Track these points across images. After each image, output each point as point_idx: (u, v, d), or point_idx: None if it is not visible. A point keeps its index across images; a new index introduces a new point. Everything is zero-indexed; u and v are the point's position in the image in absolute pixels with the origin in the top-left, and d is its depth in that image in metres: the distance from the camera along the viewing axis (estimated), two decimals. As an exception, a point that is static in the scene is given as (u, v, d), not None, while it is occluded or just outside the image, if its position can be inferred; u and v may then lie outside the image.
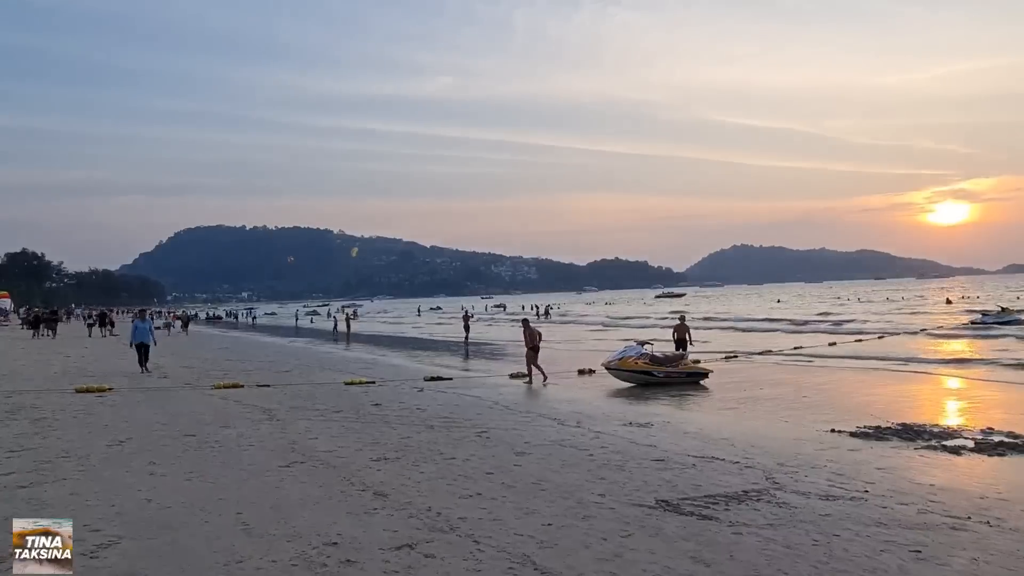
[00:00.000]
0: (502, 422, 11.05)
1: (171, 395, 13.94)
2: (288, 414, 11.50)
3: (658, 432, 10.29)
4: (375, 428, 10.22)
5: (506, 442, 9.27)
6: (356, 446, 8.76)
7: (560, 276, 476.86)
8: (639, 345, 17.75)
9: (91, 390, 13.90)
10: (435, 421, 11.01)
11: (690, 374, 17.43)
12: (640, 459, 8.28)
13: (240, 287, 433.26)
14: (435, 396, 14.41)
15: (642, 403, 14.09)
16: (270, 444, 8.73)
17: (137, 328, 18.43)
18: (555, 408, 12.71)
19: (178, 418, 10.77)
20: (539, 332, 18.09)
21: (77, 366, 20.27)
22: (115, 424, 10.05)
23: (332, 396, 14.23)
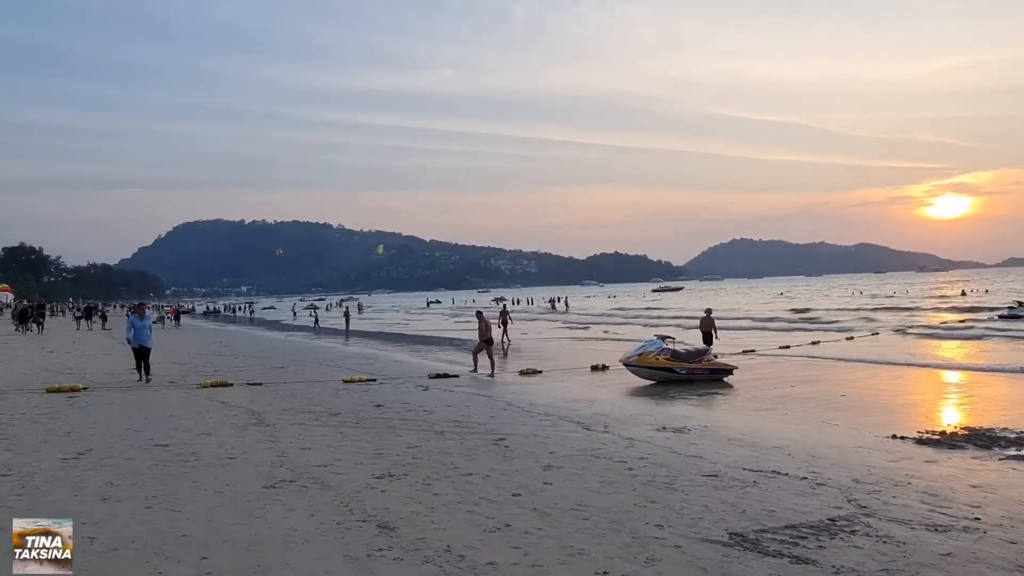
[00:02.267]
0: (520, 426, 9.81)
1: (151, 395, 12.68)
2: (279, 418, 10.24)
3: (698, 439, 9.06)
4: (377, 435, 8.97)
5: (529, 452, 8.03)
6: (356, 458, 7.50)
7: (560, 270, 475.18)
8: (660, 340, 16.51)
9: (62, 390, 12.64)
10: (445, 426, 9.76)
11: (713, 371, 16.24)
12: (689, 474, 7.03)
13: (239, 281, 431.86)
14: (442, 396, 13.17)
15: (669, 403, 12.85)
16: (255, 457, 7.47)
17: (136, 327, 14.52)
18: (575, 410, 11.47)
19: (153, 423, 9.51)
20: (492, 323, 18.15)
21: (58, 363, 19.00)
22: (79, 431, 8.78)
23: (329, 396, 12.98)
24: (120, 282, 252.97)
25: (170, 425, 9.39)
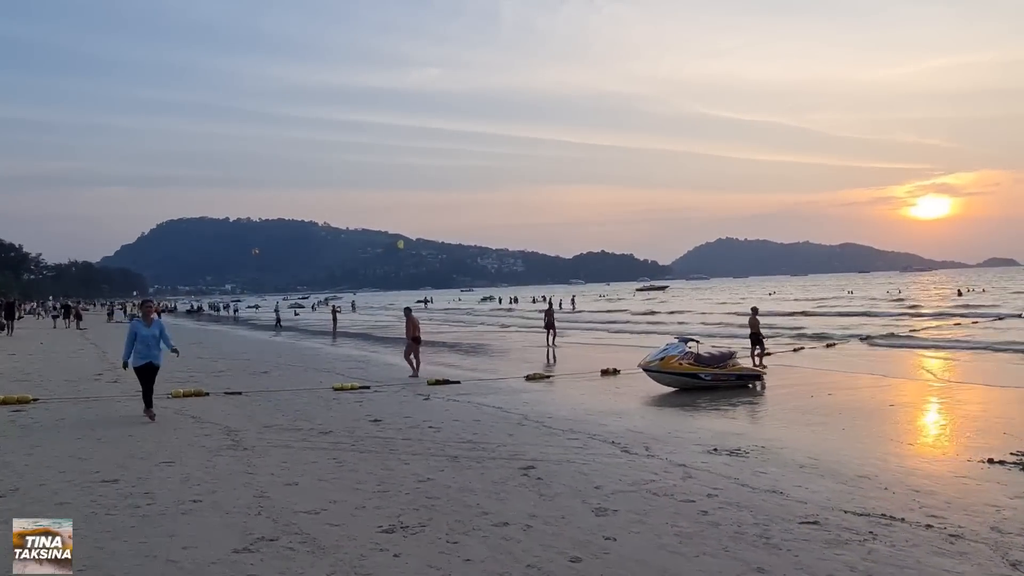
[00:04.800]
0: (546, 448, 8.27)
1: (111, 408, 11.00)
2: (259, 438, 8.63)
3: (763, 464, 7.57)
4: (379, 461, 7.39)
5: (569, 486, 6.49)
6: (355, 498, 5.92)
7: (546, 269, 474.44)
8: (682, 342, 15.01)
9: (8, 401, 10.94)
10: (457, 447, 8.21)
11: (740, 376, 14.79)
12: (782, 520, 5.52)
13: (223, 279, 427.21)
14: (446, 406, 11.61)
15: (704, 416, 11.36)
16: (227, 497, 5.87)
17: (141, 336, 9.84)
18: (603, 425, 9.95)
19: (105, 447, 7.87)
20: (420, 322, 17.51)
21: (17, 367, 17.24)
22: (9, 459, 7.13)
23: (319, 407, 11.38)
24: (102, 280, 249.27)
25: (126, 450, 7.75)
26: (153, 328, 9.98)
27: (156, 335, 9.96)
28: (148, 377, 9.91)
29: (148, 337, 9.86)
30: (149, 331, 9.91)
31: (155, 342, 9.93)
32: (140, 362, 9.81)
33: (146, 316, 10.15)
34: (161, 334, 10.07)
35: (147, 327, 9.92)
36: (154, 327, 10.01)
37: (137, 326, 9.97)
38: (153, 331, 9.95)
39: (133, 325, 10.05)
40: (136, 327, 9.94)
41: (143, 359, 9.82)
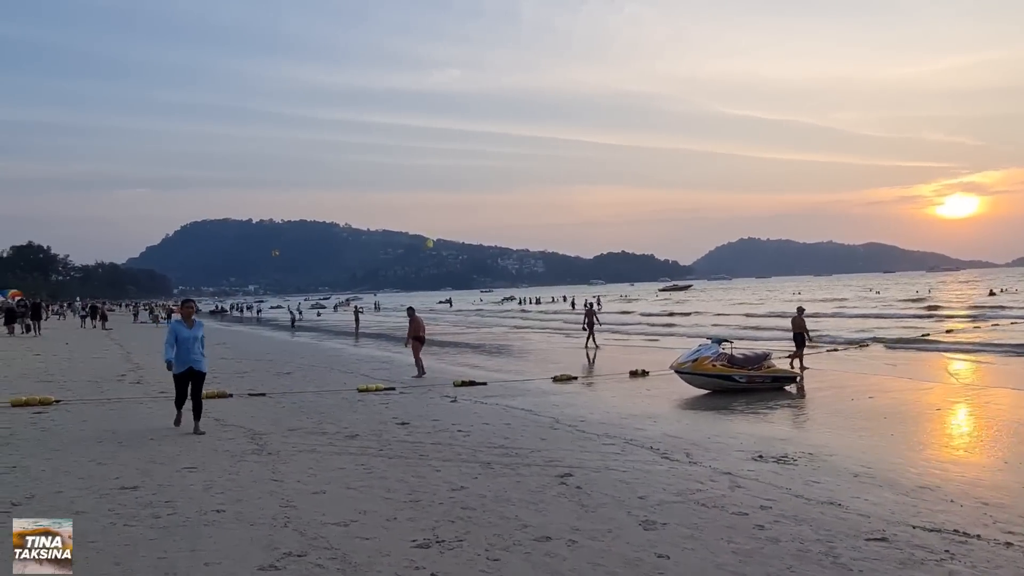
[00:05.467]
0: (583, 454, 7.89)
1: (134, 410, 10.77)
2: (284, 442, 8.34)
3: (814, 473, 7.13)
4: (409, 468, 7.06)
5: (611, 496, 6.11)
6: (386, 509, 5.58)
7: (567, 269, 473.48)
8: (715, 343, 14.55)
9: (30, 403, 10.76)
10: (489, 453, 7.85)
11: (776, 378, 14.31)
12: (846, 536, 5.10)
13: (247, 280, 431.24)
14: (474, 409, 11.27)
15: (743, 420, 10.91)
16: (251, 507, 5.56)
17: (181, 339, 8.94)
18: (639, 429, 9.55)
19: (126, 451, 7.61)
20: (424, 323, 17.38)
21: (41, 367, 17.16)
22: (27, 465, 6.88)
23: (344, 409, 11.10)
24: (128, 281, 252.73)
25: (148, 454, 7.49)
26: (195, 330, 9.02)
27: (199, 337, 9.02)
28: (188, 384, 8.99)
29: (189, 339, 8.90)
30: (190, 333, 8.94)
31: (197, 345, 8.98)
32: (180, 368, 8.87)
33: (186, 317, 9.15)
34: (200, 339, 9.09)
35: (188, 328, 8.97)
36: (195, 328, 9.05)
37: (177, 327, 8.99)
38: (195, 333, 8.99)
39: (173, 326, 9.08)
40: (176, 328, 8.99)
41: (183, 364, 8.89)
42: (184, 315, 9.21)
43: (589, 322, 24.94)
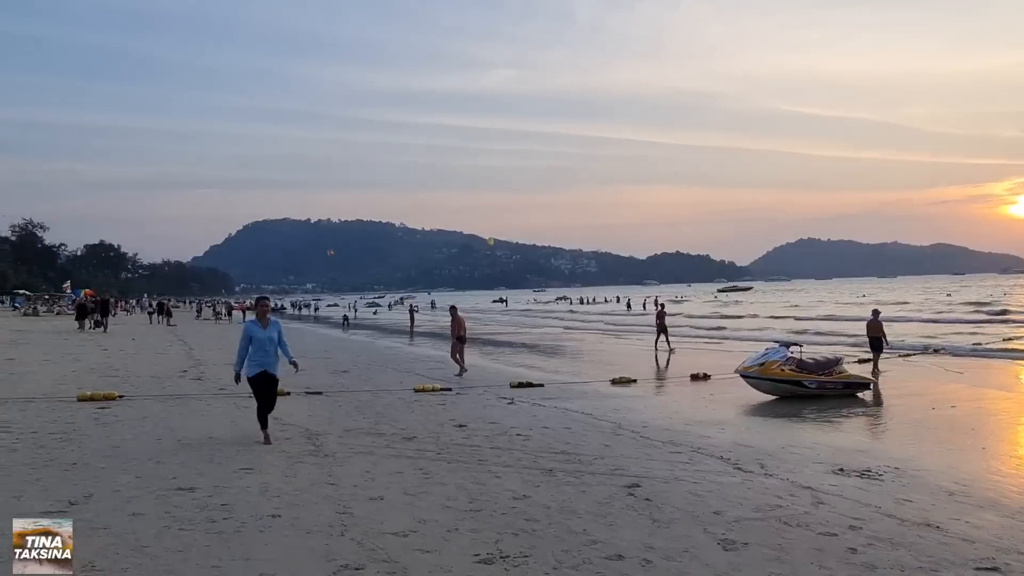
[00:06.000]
0: (649, 462, 7.50)
1: (194, 407, 10.81)
2: (341, 443, 8.18)
3: (902, 489, 6.59)
4: (468, 473, 6.79)
5: (684, 510, 5.71)
6: (446, 519, 5.31)
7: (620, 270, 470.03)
8: (783, 347, 13.91)
9: (95, 398, 10.91)
10: (551, 459, 7.53)
11: (848, 384, 13.57)
12: (953, 564, 4.61)
13: (304, 279, 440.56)
14: (532, 411, 10.96)
15: (817, 428, 10.34)
16: (308, 513, 5.36)
17: (256, 340, 8.09)
18: (706, 437, 9.09)
19: (184, 451, 7.55)
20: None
21: (107, 363, 17.57)
22: (88, 461, 6.86)
23: (400, 410, 10.92)
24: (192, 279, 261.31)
25: (206, 453, 7.41)
26: (270, 330, 8.14)
27: (274, 338, 8.13)
28: (265, 390, 8.13)
29: (264, 341, 8.02)
30: (266, 333, 8.06)
31: (273, 347, 8.11)
32: (254, 371, 8.01)
33: (262, 316, 8.29)
34: (280, 338, 8.23)
35: (263, 329, 8.10)
36: (271, 328, 8.16)
37: (252, 328, 8.13)
38: (270, 333, 8.11)
39: (247, 327, 8.19)
40: (251, 329, 8.11)
41: (258, 367, 7.99)
42: (259, 314, 8.37)
43: (661, 324, 24.03)
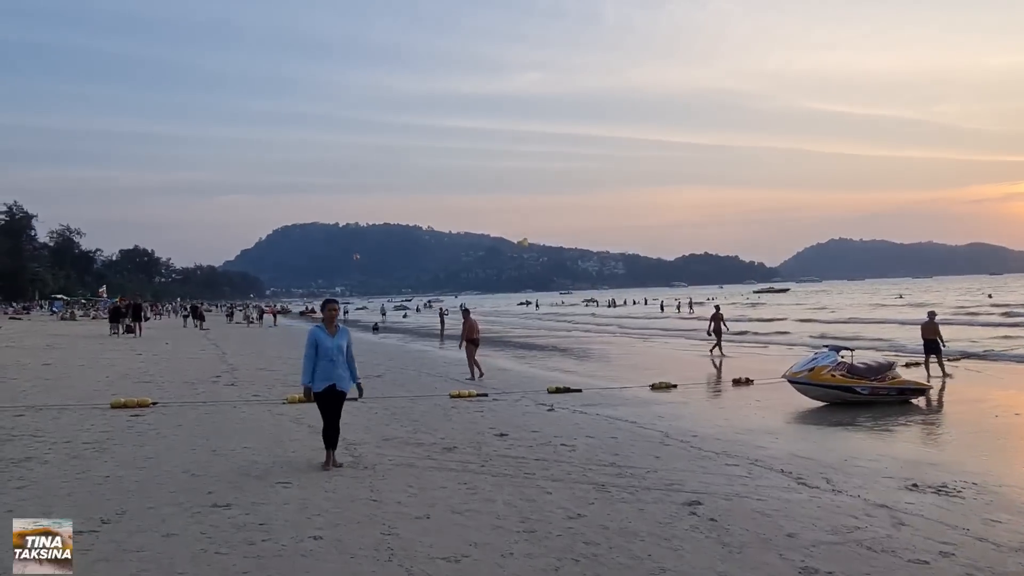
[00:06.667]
0: (705, 476, 7.05)
1: (228, 414, 10.58)
2: (380, 454, 7.85)
3: (988, 509, 6.07)
4: (516, 488, 6.40)
5: (752, 531, 5.27)
6: (498, 541, 4.93)
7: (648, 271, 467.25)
8: (833, 351, 13.33)
9: (129, 405, 10.73)
10: (601, 473, 7.12)
11: (902, 390, 12.93)
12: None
13: (333, 282, 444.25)
14: (574, 419, 10.55)
15: (877, 438, 9.79)
16: (349, 534, 5.02)
17: (323, 348, 7.01)
18: (761, 447, 8.60)
19: (220, 462, 7.27)
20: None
21: (141, 367, 17.51)
22: (121, 475, 6.59)
23: (438, 417, 10.58)
24: (224, 283, 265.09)
25: (241, 464, 7.12)
26: (339, 338, 7.09)
27: (343, 347, 7.10)
28: (331, 407, 7.10)
29: (332, 350, 6.97)
30: (334, 342, 7.01)
31: (341, 357, 7.07)
32: (320, 385, 6.99)
33: (329, 321, 7.17)
34: (348, 349, 7.21)
35: (331, 336, 7.04)
36: (340, 336, 7.13)
37: (318, 334, 7.03)
38: (339, 342, 7.06)
39: (313, 333, 7.07)
40: (317, 336, 7.02)
41: (324, 381, 6.98)
42: (326, 319, 7.25)
43: (716, 328, 22.82)
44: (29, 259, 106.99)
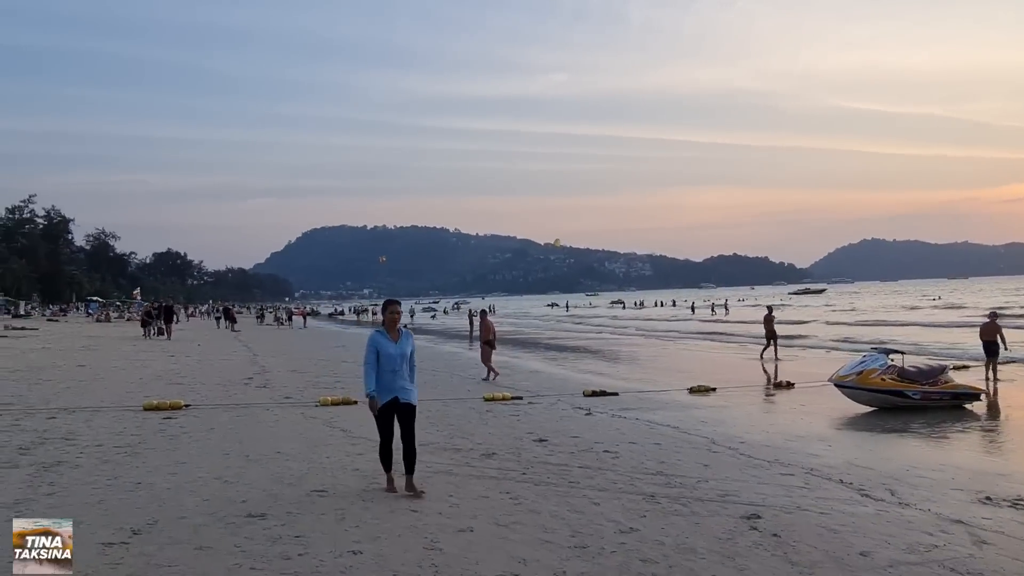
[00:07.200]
0: (760, 486, 6.65)
1: (260, 417, 10.39)
2: (416, 460, 7.56)
3: (1075, 526, 5.59)
4: (561, 499, 6.07)
5: (820, 549, 4.89)
6: (549, 559, 4.60)
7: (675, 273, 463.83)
8: (882, 354, 12.80)
9: (161, 407, 10.59)
10: (648, 482, 6.76)
11: (956, 395, 12.35)
12: None
13: (362, 284, 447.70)
14: (614, 424, 10.19)
15: (936, 446, 9.30)
16: (390, 548, 4.72)
17: (385, 356, 6.10)
18: (814, 455, 8.18)
19: (253, 468, 7.03)
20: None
21: (174, 369, 17.49)
22: (152, 481, 6.36)
23: (473, 421, 10.29)
24: (254, 285, 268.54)
25: (275, 471, 6.88)
26: (402, 344, 6.16)
27: (407, 355, 6.17)
28: (391, 422, 6.27)
29: (395, 358, 6.07)
30: (397, 348, 6.11)
31: (405, 366, 6.16)
32: (382, 399, 6.13)
33: (391, 325, 6.25)
34: (411, 357, 6.26)
35: (394, 342, 6.15)
36: (403, 342, 6.18)
37: (379, 340, 6.12)
38: (403, 348, 6.14)
39: (374, 339, 6.15)
40: (377, 341, 6.11)
41: (386, 392, 6.11)
42: (388, 323, 6.29)
43: (770, 330, 21.88)
44: (66, 262, 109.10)
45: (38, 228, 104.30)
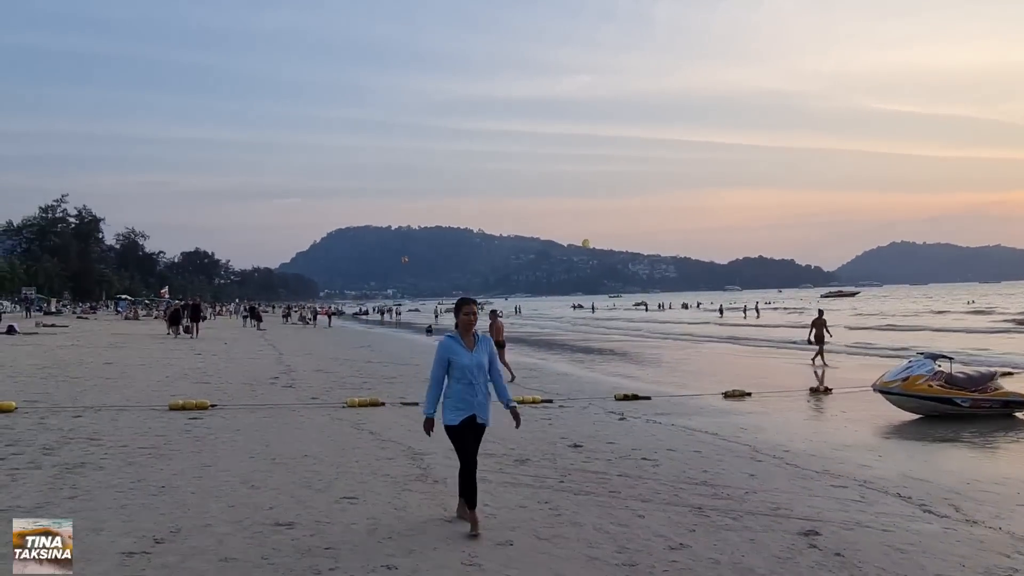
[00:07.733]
0: (813, 499, 6.26)
1: (287, 418, 10.16)
2: (448, 464, 7.22)
3: None
4: (603, 510, 5.74)
5: (891, 572, 4.51)
6: (594, 574, 4.28)
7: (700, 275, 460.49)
8: (929, 359, 12.27)
9: (187, 407, 10.41)
10: (694, 493, 6.40)
11: (1007, 402, 11.79)
12: None
13: (385, 284, 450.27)
14: (649, 430, 9.83)
15: (991, 456, 8.85)
16: (426, 561, 4.42)
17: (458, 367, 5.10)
18: (865, 466, 7.76)
19: (280, 472, 6.77)
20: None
21: (200, 368, 17.39)
22: (177, 485, 6.11)
23: (504, 425, 9.86)
24: (280, 284, 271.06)
25: (303, 476, 6.62)
26: (479, 351, 5.22)
27: (484, 364, 5.21)
28: (469, 442, 5.26)
29: (472, 369, 5.12)
30: (473, 358, 5.16)
31: (483, 378, 5.21)
32: (457, 416, 5.14)
33: (465, 330, 5.24)
34: (491, 365, 5.31)
35: (469, 351, 5.18)
36: (480, 350, 5.23)
37: (452, 347, 5.18)
38: (479, 357, 5.19)
39: (446, 345, 5.21)
40: (450, 348, 5.18)
41: (462, 410, 5.14)
42: (462, 326, 5.26)
43: (819, 335, 20.71)
44: (97, 261, 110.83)
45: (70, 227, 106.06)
